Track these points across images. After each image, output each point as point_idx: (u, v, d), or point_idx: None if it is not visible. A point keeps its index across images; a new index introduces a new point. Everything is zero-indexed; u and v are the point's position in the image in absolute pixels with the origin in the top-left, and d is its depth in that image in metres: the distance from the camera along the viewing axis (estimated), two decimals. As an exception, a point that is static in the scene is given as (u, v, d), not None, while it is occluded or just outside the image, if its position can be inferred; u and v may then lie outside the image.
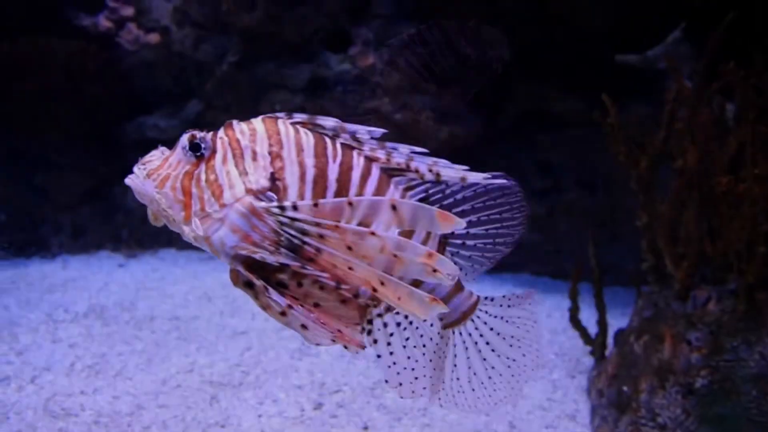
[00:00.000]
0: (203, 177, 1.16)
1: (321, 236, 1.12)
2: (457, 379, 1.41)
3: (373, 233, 1.10)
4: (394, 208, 1.10)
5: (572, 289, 2.45)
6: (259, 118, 1.22)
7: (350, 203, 1.11)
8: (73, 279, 3.76)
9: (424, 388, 1.38)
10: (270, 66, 3.93)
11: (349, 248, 1.11)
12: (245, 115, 3.74)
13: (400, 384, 1.36)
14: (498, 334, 1.42)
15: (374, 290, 1.13)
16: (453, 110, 3.81)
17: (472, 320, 1.40)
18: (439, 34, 3.85)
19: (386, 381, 1.35)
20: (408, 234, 1.19)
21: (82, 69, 4.01)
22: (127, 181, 1.18)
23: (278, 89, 3.88)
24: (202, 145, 1.16)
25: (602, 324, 2.41)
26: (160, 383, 2.62)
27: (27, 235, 4.23)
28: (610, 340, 2.46)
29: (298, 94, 3.83)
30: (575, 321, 2.48)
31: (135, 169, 1.19)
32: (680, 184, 2.05)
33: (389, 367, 1.34)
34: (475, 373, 1.42)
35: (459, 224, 1.13)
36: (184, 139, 1.18)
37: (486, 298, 1.41)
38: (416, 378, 1.36)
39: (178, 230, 1.19)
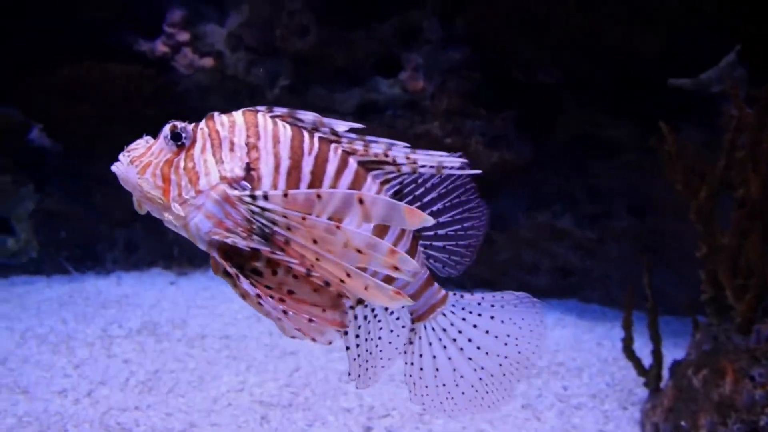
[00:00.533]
0: (182, 164, 1.20)
1: (289, 227, 1.15)
2: (437, 376, 1.42)
3: (338, 227, 1.12)
4: (361, 202, 1.13)
5: (626, 318, 2.41)
6: (240, 110, 1.25)
7: (319, 195, 1.14)
8: (126, 295, 3.86)
9: (371, 378, 1.39)
10: (321, 90, 3.99)
11: (315, 241, 1.14)
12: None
13: (359, 376, 1.38)
14: (483, 331, 1.41)
15: (341, 281, 1.16)
16: (503, 135, 3.82)
17: (447, 315, 1.40)
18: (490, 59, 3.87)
19: (349, 373, 1.37)
20: (382, 227, 1.22)
21: (140, 92, 4.15)
22: (113, 167, 1.23)
23: (329, 113, 3.92)
24: (183, 135, 1.21)
25: (657, 355, 2.36)
26: (212, 401, 2.66)
27: (84, 251, 4.36)
28: (664, 372, 2.41)
29: (348, 118, 3.87)
30: (629, 351, 2.44)
31: (120, 156, 1.23)
32: (742, 215, 2.01)
33: (355, 359, 1.36)
34: (454, 369, 1.41)
35: (427, 221, 1.15)
36: (166, 128, 1.22)
37: (463, 295, 1.41)
38: (374, 369, 1.38)
39: (160, 216, 1.23)
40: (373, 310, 1.38)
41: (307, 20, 3.85)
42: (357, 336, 1.36)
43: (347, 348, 1.36)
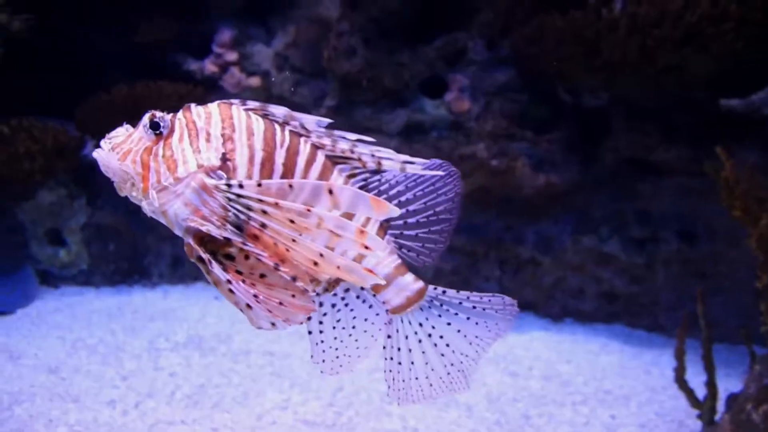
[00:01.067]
0: (161, 152, 1.24)
1: (264, 212, 1.19)
2: (411, 370, 1.45)
3: (309, 210, 1.18)
4: (331, 192, 1.17)
5: (678, 348, 2.36)
6: (215, 103, 1.30)
7: (290, 185, 1.19)
8: (172, 309, 3.92)
9: (342, 366, 1.45)
10: (367, 111, 4.03)
11: (292, 221, 1.18)
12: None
13: (323, 360, 1.44)
14: (455, 329, 1.44)
15: (315, 264, 1.19)
16: (549, 157, 3.79)
17: (427, 309, 1.42)
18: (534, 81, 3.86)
19: (311, 356, 1.43)
20: (348, 218, 1.24)
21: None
22: (94, 153, 1.27)
23: (374, 133, 3.96)
24: (161, 124, 1.25)
25: (712, 387, 2.30)
26: (256, 418, 2.68)
27: (131, 264, 4.46)
28: (719, 404, 2.34)
29: (394, 138, 3.91)
30: (681, 382, 2.38)
31: (101, 143, 1.27)
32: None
33: (317, 344, 1.42)
34: (426, 363, 1.45)
35: (393, 211, 1.18)
36: (146, 118, 1.26)
37: (445, 291, 1.43)
38: (339, 356, 1.43)
39: (137, 202, 1.27)
40: (343, 299, 1.42)
41: (355, 42, 3.90)
42: (321, 323, 1.42)
43: (309, 332, 1.42)
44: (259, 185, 1.20)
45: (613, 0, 3.75)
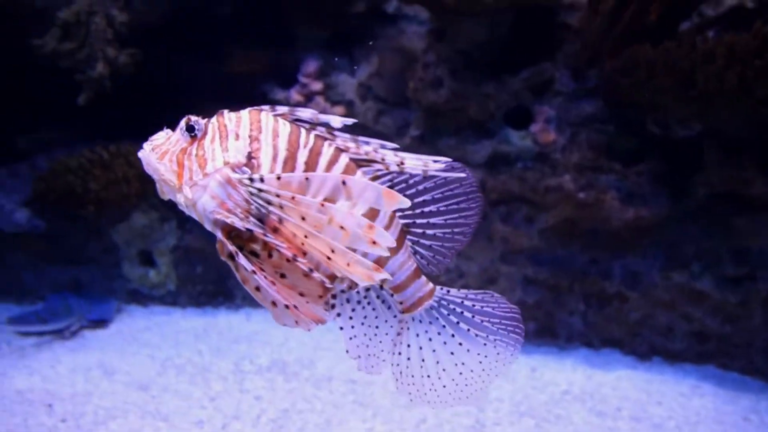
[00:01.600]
0: (194, 152, 1.34)
1: (281, 206, 1.28)
2: (422, 367, 1.50)
3: (323, 204, 1.25)
4: (344, 183, 1.26)
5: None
6: (246, 109, 1.40)
7: (307, 178, 1.28)
8: (256, 332, 4.00)
9: (376, 365, 1.50)
10: (451, 141, 4.05)
11: (304, 218, 1.26)
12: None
13: (359, 357, 1.50)
14: (465, 328, 1.49)
15: (328, 258, 1.27)
16: (638, 190, 3.70)
17: (435, 309, 1.48)
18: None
19: (347, 351, 1.50)
20: (370, 216, 1.31)
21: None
22: (139, 153, 1.37)
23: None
24: (196, 127, 1.36)
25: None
26: (340, 445, 2.70)
27: (216, 287, 4.59)
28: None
29: (479, 169, 3.90)
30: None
31: (144, 144, 1.38)
32: None
33: (350, 339, 1.49)
34: (437, 362, 1.49)
35: (403, 203, 1.26)
36: (182, 122, 1.37)
37: (449, 291, 1.50)
38: (373, 354, 1.49)
39: (173, 198, 1.37)
40: (366, 297, 1.49)
41: (441, 73, 3.94)
42: (351, 318, 1.48)
43: (341, 328, 1.49)
44: (279, 178, 1.29)
45: (706, 29, 3.67)
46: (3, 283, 4.61)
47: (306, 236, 1.27)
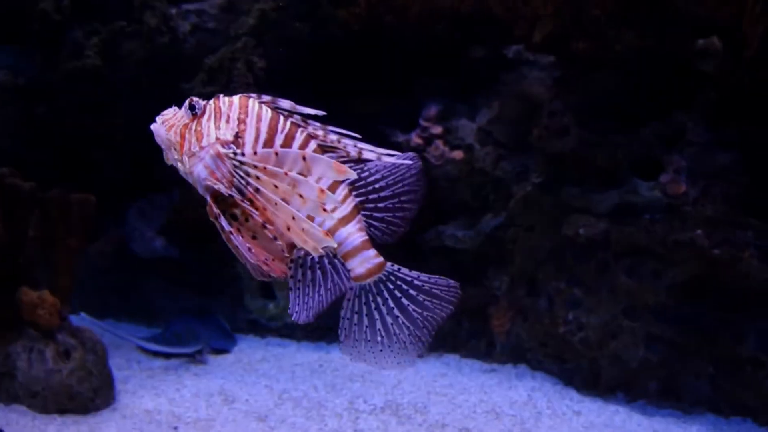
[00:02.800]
0: (193, 128, 1.60)
1: (257, 178, 1.55)
2: (364, 331, 1.70)
3: (286, 173, 1.53)
4: (304, 158, 1.53)
5: None
6: (237, 95, 1.64)
7: (276, 153, 1.56)
8: (369, 371, 4.04)
9: (308, 317, 1.70)
10: (575, 190, 3.97)
11: (276, 187, 1.53)
12: (547, 236, 3.75)
13: (296, 311, 1.70)
14: (406, 301, 1.69)
15: (288, 229, 1.54)
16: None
17: (382, 283, 1.69)
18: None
19: (289, 309, 1.71)
20: (330, 189, 1.57)
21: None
22: (152, 126, 1.64)
23: (582, 213, 3.89)
24: (197, 107, 1.62)
25: None
26: (456, 496, 2.66)
27: (330, 322, 4.68)
28: None
29: (603, 219, 3.81)
30: None
31: (156, 118, 1.64)
32: None
33: (296, 297, 1.69)
34: (377, 329, 1.69)
35: (350, 174, 1.52)
36: (187, 102, 1.63)
37: (400, 269, 1.70)
38: (310, 308, 1.70)
39: (175, 164, 1.64)
40: (318, 263, 1.70)
41: (568, 122, 3.90)
42: (300, 279, 1.69)
43: (290, 288, 1.70)
44: (255, 153, 1.58)
45: None
46: (136, 306, 4.93)
47: (275, 204, 1.54)
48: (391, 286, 1.70)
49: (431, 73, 4.96)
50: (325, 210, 1.55)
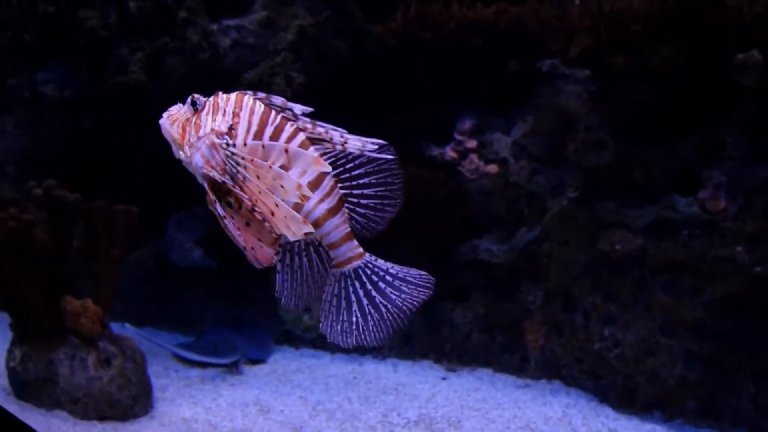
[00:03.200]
0: (194, 121, 1.76)
1: (245, 167, 1.70)
2: (342, 313, 1.85)
3: (270, 166, 1.67)
4: (286, 151, 1.68)
5: None
6: (236, 92, 1.78)
7: (263, 145, 1.70)
8: (402, 384, 4.06)
9: (297, 302, 1.87)
10: (611, 205, 3.94)
11: (258, 177, 1.68)
12: (582, 251, 3.72)
13: (285, 295, 1.86)
14: (379, 288, 1.84)
15: (272, 214, 1.68)
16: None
17: (360, 269, 1.84)
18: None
19: (276, 291, 1.85)
20: (314, 183, 1.74)
21: (436, 195, 4.49)
22: (160, 120, 1.80)
23: (618, 228, 3.86)
24: (198, 103, 1.78)
25: None
26: None
27: (364, 335, 4.71)
28: None
29: (639, 234, 3.77)
30: None
31: (164, 114, 1.80)
32: None
33: (284, 282, 1.84)
34: (353, 311, 1.84)
35: (326, 168, 1.69)
36: (189, 98, 1.78)
37: (377, 259, 1.86)
38: (297, 294, 1.86)
39: (177, 155, 1.78)
40: (305, 250, 1.84)
41: (604, 136, 3.88)
42: (288, 265, 1.84)
43: (278, 272, 1.85)
44: (245, 144, 1.72)
45: None
46: (174, 315, 5.03)
47: (260, 192, 1.68)
48: (369, 273, 1.86)
49: (466, 86, 4.98)
50: (303, 198, 1.72)
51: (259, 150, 1.71)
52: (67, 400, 3.48)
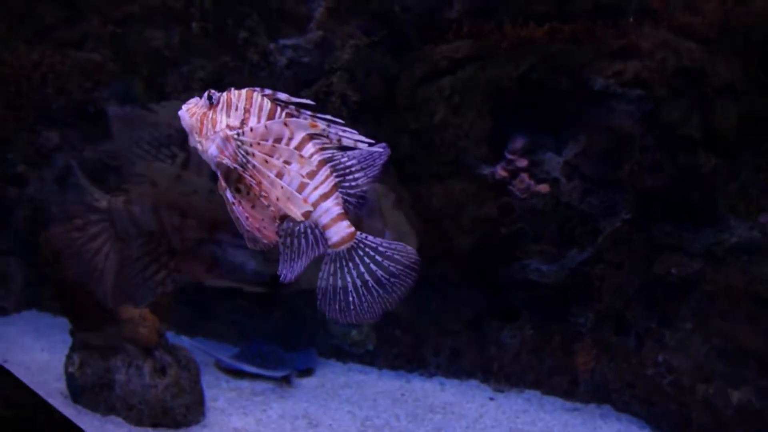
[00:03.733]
0: (210, 115, 1.90)
1: (254, 155, 1.86)
2: (335, 290, 1.96)
3: (274, 146, 1.86)
4: (286, 124, 1.85)
5: None
6: (246, 89, 1.92)
7: (266, 126, 1.86)
8: (450, 403, 4.04)
9: (294, 276, 1.93)
10: (666, 227, 3.88)
11: (266, 162, 1.86)
12: (636, 274, 3.66)
13: (284, 271, 1.94)
14: (373, 266, 1.95)
15: (277, 198, 1.86)
16: None
17: (354, 249, 1.95)
18: None
19: (278, 270, 1.93)
20: (312, 173, 1.89)
21: (486, 213, 4.48)
22: (179, 112, 1.93)
23: (673, 251, 3.80)
24: (213, 98, 1.92)
25: None
26: None
27: (411, 351, 4.72)
28: None
29: (696, 258, 3.70)
30: None
31: (183, 106, 1.94)
32: None
33: (284, 260, 1.94)
34: (347, 288, 1.95)
35: (322, 127, 1.86)
36: (206, 93, 1.92)
37: (367, 237, 1.95)
38: (294, 270, 1.94)
39: (194, 144, 1.93)
40: (304, 232, 1.95)
41: (660, 158, 3.83)
42: (288, 245, 1.95)
43: (280, 253, 1.95)
44: (252, 129, 1.87)
45: None
46: (225, 326, 5.12)
47: (267, 177, 1.86)
48: (361, 253, 1.98)
49: (517, 105, 4.98)
50: (304, 177, 1.90)
51: (264, 132, 1.90)
52: (123, 407, 3.58)
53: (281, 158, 1.87)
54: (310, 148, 1.92)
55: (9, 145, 4.67)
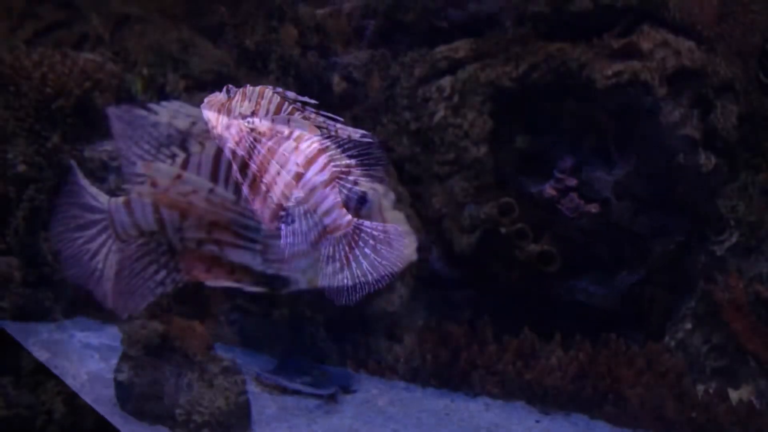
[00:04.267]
0: (227, 107, 2.06)
1: (260, 141, 2.01)
2: (337, 275, 2.05)
3: (278, 134, 1.99)
4: (288, 120, 1.99)
5: None
6: (259, 86, 2.06)
7: (273, 119, 2.01)
8: (496, 424, 3.99)
9: (297, 250, 2.06)
10: (719, 249, 3.79)
11: (269, 150, 2.00)
12: (688, 296, 3.57)
13: (287, 249, 2.06)
14: (367, 249, 2.04)
15: (274, 183, 1.99)
16: None
17: (351, 234, 2.03)
18: None
19: (282, 245, 2.06)
20: (310, 160, 2.00)
21: (537, 232, 4.45)
22: (201, 105, 2.11)
23: (729, 275, 3.70)
24: (231, 92, 2.08)
25: None
26: None
27: (455, 370, 4.67)
28: None
29: (755, 281, 3.59)
30: None
31: (205, 100, 2.10)
32: None
33: (285, 242, 2.06)
34: (342, 270, 2.05)
35: (317, 131, 1.98)
36: (224, 88, 2.08)
37: (363, 222, 2.05)
38: (296, 247, 2.06)
39: (213, 133, 2.09)
40: (305, 215, 2.06)
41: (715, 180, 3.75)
42: (290, 227, 2.05)
43: (282, 234, 2.06)
44: (259, 119, 2.03)
45: None
46: (269, 339, 5.15)
47: (269, 162, 2.00)
48: (355, 237, 2.08)
49: (567, 124, 4.93)
50: (300, 167, 2.03)
51: (271, 126, 2.06)
52: (170, 417, 3.63)
53: (282, 146, 2.03)
54: (311, 138, 2.07)
55: (9, 145, 4.64)
